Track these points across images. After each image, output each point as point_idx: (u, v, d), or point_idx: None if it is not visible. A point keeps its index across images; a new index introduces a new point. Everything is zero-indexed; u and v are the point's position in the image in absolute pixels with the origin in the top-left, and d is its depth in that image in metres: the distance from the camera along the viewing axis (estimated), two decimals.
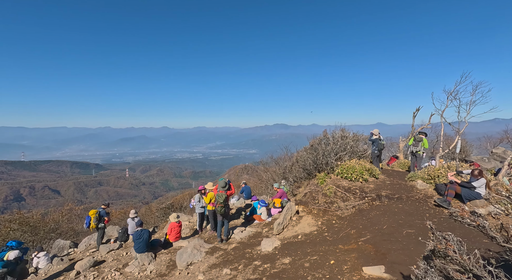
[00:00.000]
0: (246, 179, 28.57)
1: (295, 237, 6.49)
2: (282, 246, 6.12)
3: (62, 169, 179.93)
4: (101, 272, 7.12)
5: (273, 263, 5.33)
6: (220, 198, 7.16)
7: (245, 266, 5.54)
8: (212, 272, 5.70)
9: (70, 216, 16.28)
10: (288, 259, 5.32)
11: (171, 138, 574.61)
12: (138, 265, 6.97)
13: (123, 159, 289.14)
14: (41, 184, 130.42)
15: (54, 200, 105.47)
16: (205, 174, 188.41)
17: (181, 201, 18.13)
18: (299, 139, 53.83)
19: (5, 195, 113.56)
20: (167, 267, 6.72)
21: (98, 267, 7.58)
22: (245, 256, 6.13)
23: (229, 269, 5.56)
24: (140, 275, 6.50)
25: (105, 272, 7.10)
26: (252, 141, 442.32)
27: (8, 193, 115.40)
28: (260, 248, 6.24)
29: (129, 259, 7.88)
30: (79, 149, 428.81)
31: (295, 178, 10.66)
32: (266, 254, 5.92)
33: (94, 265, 7.62)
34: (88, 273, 7.07)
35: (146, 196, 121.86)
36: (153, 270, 6.63)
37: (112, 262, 7.94)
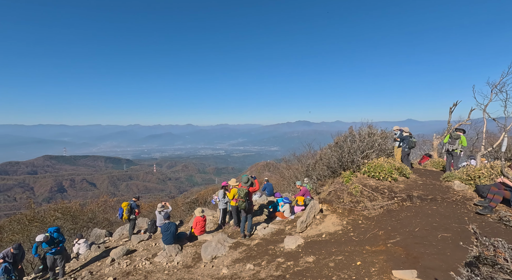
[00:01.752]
0: (268, 176, 28.59)
1: (319, 236, 6.37)
2: (305, 244, 6.04)
3: (97, 163, 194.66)
4: (133, 260, 7.60)
5: (296, 261, 5.29)
6: (241, 192, 7.24)
7: (268, 263, 5.56)
8: (236, 266, 5.81)
9: (105, 207, 17.60)
10: (312, 257, 5.24)
11: (195, 135, 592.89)
12: (166, 255, 7.33)
13: (151, 154, 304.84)
14: (80, 177, 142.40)
15: (91, 192, 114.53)
16: (228, 171, 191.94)
17: (205, 196, 18.66)
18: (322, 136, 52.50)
19: (50, 186, 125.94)
20: (193, 259, 6.98)
21: (130, 255, 8.10)
22: (268, 253, 6.16)
23: (253, 265, 5.62)
24: (168, 266, 6.82)
25: (136, 260, 7.56)
26: (274, 138, 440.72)
27: (53, 184, 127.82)
28: (283, 245, 6.23)
29: (157, 250, 8.31)
30: (112, 145, 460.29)
31: (319, 176, 10.43)
32: (289, 251, 5.89)
33: (126, 254, 8.16)
34: (121, 261, 7.59)
35: (172, 191, 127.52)
36: (180, 262, 6.92)
37: (143, 251, 8.43)
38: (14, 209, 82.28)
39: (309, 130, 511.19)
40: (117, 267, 7.24)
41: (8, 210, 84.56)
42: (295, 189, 14.51)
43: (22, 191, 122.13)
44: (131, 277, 6.38)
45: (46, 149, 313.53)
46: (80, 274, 7.18)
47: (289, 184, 16.94)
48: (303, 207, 9.10)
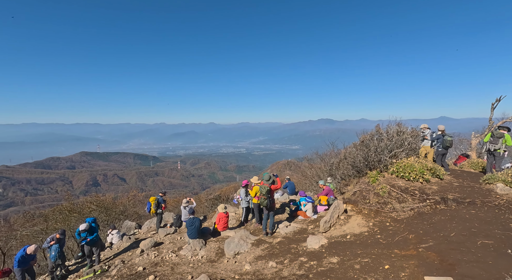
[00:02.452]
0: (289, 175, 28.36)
1: (343, 236, 6.19)
2: (329, 244, 5.91)
3: (127, 160, 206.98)
4: (160, 252, 7.99)
5: (320, 261, 5.20)
6: (263, 190, 7.27)
7: (291, 261, 5.53)
8: (258, 263, 5.86)
9: (134, 201, 18.70)
10: (336, 258, 5.12)
11: (217, 133, 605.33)
12: (191, 249, 7.60)
13: (175, 152, 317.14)
14: (112, 172, 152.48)
15: (121, 187, 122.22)
16: (249, 169, 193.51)
17: (227, 193, 19.03)
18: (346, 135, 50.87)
19: (86, 180, 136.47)
20: (216, 254, 7.16)
21: (158, 247, 8.52)
22: (291, 251, 6.13)
23: (275, 262, 5.63)
24: (193, 259, 7.08)
25: (163, 252, 7.94)
26: (295, 136, 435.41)
27: (88, 179, 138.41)
28: (306, 245, 6.15)
29: (182, 243, 8.65)
30: (140, 142, 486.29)
31: (343, 175, 10.12)
32: (312, 251, 5.81)
33: (154, 246, 8.60)
34: (150, 252, 8.01)
35: (195, 187, 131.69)
36: (204, 256, 7.14)
37: (169, 244, 8.83)
38: (56, 200, 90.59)
39: (332, 128, 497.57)
40: (146, 257, 7.65)
41: (51, 201, 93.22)
42: (317, 188, 14.24)
43: (63, 184, 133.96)
44: (159, 268, 6.71)
45: (83, 145, 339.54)
46: (114, 262, 7.70)
47: (311, 183, 16.65)
48: (326, 207, 8.90)
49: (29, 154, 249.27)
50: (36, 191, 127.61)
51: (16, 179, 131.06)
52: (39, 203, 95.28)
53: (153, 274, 6.19)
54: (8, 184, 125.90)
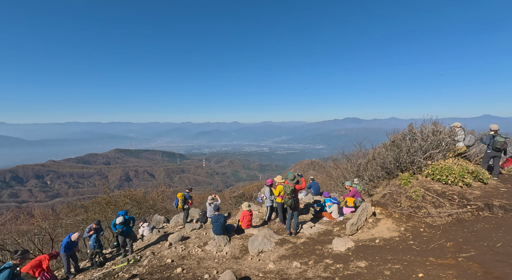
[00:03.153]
0: (313, 175, 27.83)
1: (372, 240, 5.93)
2: (356, 248, 5.71)
3: (155, 157, 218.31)
4: (187, 246, 8.31)
5: (346, 264, 5.04)
6: (287, 189, 7.21)
7: (316, 263, 5.44)
8: (282, 262, 5.85)
9: (163, 197, 19.69)
10: (363, 262, 4.93)
11: (241, 132, 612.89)
12: (216, 245, 7.81)
13: (200, 150, 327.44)
14: (142, 169, 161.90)
15: (151, 182, 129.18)
16: (271, 168, 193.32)
17: (251, 191, 19.23)
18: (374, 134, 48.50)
19: (120, 175, 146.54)
20: (240, 251, 7.27)
21: (185, 241, 8.88)
22: (315, 252, 6.02)
23: (299, 263, 5.57)
24: (218, 254, 7.26)
25: (190, 246, 8.25)
26: (320, 135, 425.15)
27: (122, 174, 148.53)
28: (331, 247, 6.00)
29: (208, 239, 8.92)
30: (168, 140, 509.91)
31: (371, 176, 9.67)
32: (338, 253, 5.65)
33: (181, 240, 8.98)
34: (177, 245, 8.38)
35: (219, 185, 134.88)
36: (228, 252, 7.30)
37: (195, 239, 9.15)
38: (94, 193, 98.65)
39: (359, 128, 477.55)
40: (174, 250, 8.02)
41: (90, 193, 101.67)
42: (343, 189, 13.78)
43: (100, 178, 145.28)
44: (186, 261, 7.00)
45: (117, 143, 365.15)
46: (145, 253, 8.20)
47: (336, 184, 16.17)
48: (353, 209, 8.59)
49: (72, 150, 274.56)
50: (78, 184, 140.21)
51: (61, 173, 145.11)
52: (80, 195, 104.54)
53: (181, 267, 6.46)
54: (54, 177, 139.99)
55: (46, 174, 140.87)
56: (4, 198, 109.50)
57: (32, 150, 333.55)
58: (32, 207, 17.59)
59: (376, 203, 7.34)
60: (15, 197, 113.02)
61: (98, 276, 6.96)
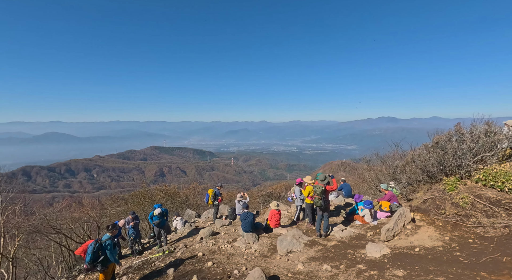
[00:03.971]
0: (344, 176, 26.76)
1: (411, 248, 5.52)
2: (392, 255, 5.36)
3: (187, 154, 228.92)
4: (217, 241, 8.59)
5: (381, 271, 4.77)
6: (318, 189, 7.04)
7: (348, 267, 5.24)
8: (312, 264, 5.74)
9: (194, 193, 20.59)
10: (401, 271, 4.62)
11: (269, 131, 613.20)
12: (245, 242, 7.94)
13: (229, 148, 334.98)
14: (175, 165, 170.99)
15: (182, 179, 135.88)
16: (299, 168, 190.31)
17: (279, 191, 19.16)
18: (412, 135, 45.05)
19: (155, 171, 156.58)
20: (269, 250, 7.30)
21: (215, 237, 9.18)
22: (347, 257, 5.80)
23: (330, 266, 5.42)
24: (246, 252, 7.38)
25: (219, 242, 8.52)
26: (351, 135, 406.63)
27: (157, 170, 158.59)
28: (365, 252, 5.72)
29: (236, 236, 9.10)
30: (198, 138, 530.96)
31: (410, 180, 8.97)
32: (372, 259, 5.37)
33: (212, 235, 9.30)
34: (208, 240, 8.70)
35: (246, 183, 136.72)
36: (257, 250, 7.37)
37: (224, 235, 9.41)
38: (132, 186, 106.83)
39: (395, 127, 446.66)
40: (204, 245, 8.35)
41: (129, 187, 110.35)
42: (376, 192, 13.03)
43: (137, 173, 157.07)
44: (216, 256, 7.24)
45: (153, 140, 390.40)
46: (178, 245, 8.66)
47: (369, 187, 15.34)
48: (388, 214, 8.08)
49: (114, 146, 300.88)
50: (119, 177, 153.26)
51: (105, 167, 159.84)
52: (120, 188, 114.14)
53: (211, 261, 6.70)
54: (100, 171, 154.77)
55: (93, 168, 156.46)
56: (60, 188, 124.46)
57: (82, 145, 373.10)
58: (82, 197, 19.79)
59: (415, 208, 6.81)
60: (68, 187, 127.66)
61: (137, 263, 7.53)
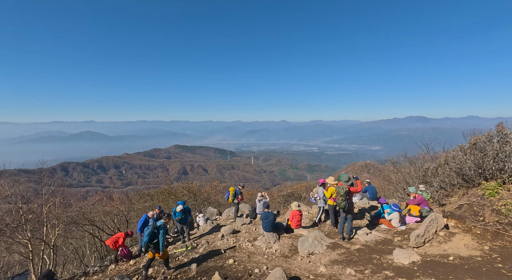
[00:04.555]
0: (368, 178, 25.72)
1: (444, 256, 5.15)
2: (423, 262, 5.05)
3: (208, 153, 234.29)
4: (238, 239, 8.69)
5: (410, 279, 4.50)
6: (341, 190, 6.83)
7: (373, 273, 5.02)
8: (335, 267, 5.58)
9: (215, 191, 21.03)
10: None
11: (289, 131, 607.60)
12: (265, 241, 7.94)
13: (249, 148, 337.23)
14: (197, 164, 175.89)
15: (204, 177, 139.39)
16: (320, 168, 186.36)
17: (299, 191, 18.91)
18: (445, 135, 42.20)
19: (178, 169, 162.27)
20: (290, 250, 7.23)
21: (236, 235, 9.29)
22: (372, 262, 5.56)
23: (354, 270, 5.24)
24: (267, 251, 7.38)
25: (240, 240, 8.61)
26: (376, 136, 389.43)
27: (180, 168, 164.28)
28: (392, 258, 5.45)
29: (257, 235, 9.13)
30: (219, 138, 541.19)
31: (443, 183, 8.37)
32: (400, 266, 5.10)
33: (233, 233, 9.42)
34: (229, 238, 8.83)
35: (266, 183, 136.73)
36: (278, 250, 7.34)
37: (245, 233, 9.49)
38: (157, 183, 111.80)
39: (425, 127, 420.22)
40: (226, 242, 8.49)
41: (154, 183, 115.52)
42: (403, 196, 12.34)
43: (162, 171, 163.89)
44: (237, 254, 7.32)
45: (176, 139, 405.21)
46: (200, 242, 8.89)
47: (396, 190, 14.56)
48: (418, 219, 7.62)
49: (141, 145, 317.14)
50: (145, 174, 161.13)
51: (132, 164, 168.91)
52: (146, 184, 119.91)
53: (233, 258, 6.79)
54: (128, 168, 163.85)
55: (122, 165, 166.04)
56: (93, 183, 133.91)
57: (112, 143, 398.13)
58: (112, 192, 21.15)
59: (449, 214, 6.35)
60: (100, 182, 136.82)
61: None
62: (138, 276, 6.73)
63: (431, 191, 9.32)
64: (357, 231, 7.54)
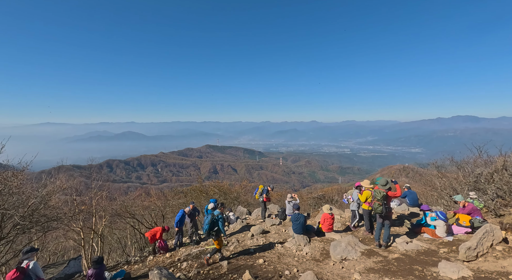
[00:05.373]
0: (407, 182, 23.83)
1: (502, 274, 4.55)
2: (475, 279, 4.51)
3: (237, 153, 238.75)
4: (267, 240, 8.70)
5: None
6: (378, 194, 6.43)
7: None
8: (370, 276, 5.28)
9: (245, 190, 21.32)
10: None
11: (319, 132, 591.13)
12: (295, 243, 7.82)
13: (278, 148, 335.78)
14: (227, 163, 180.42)
15: (233, 176, 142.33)
16: (353, 171, 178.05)
17: (331, 194, 18.27)
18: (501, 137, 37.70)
19: (209, 168, 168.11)
20: (321, 254, 7.02)
21: (265, 235, 9.31)
22: (414, 273, 5.14)
23: None
24: (297, 253, 7.26)
25: (270, 240, 8.60)
26: (416, 137, 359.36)
27: (210, 167, 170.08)
28: (437, 271, 4.97)
29: (287, 236, 9.04)
30: (248, 138, 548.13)
31: (500, 191, 7.39)
32: None
33: (262, 233, 9.46)
34: (259, 238, 8.88)
35: (295, 184, 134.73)
36: (308, 253, 7.17)
37: (275, 234, 9.45)
38: (189, 181, 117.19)
39: (475, 128, 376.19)
40: (255, 242, 8.55)
41: (187, 181, 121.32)
42: (450, 204, 11.18)
43: (194, 169, 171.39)
44: (266, 254, 7.32)
45: (207, 139, 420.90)
46: (231, 240, 9.08)
47: (440, 196, 13.24)
48: (469, 229, 6.84)
49: (175, 144, 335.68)
50: (178, 172, 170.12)
51: (167, 163, 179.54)
52: (180, 182, 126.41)
53: (263, 258, 6.81)
54: (163, 166, 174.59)
55: (158, 163, 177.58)
56: (133, 179, 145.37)
57: (150, 143, 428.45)
58: (150, 188, 22.73)
59: (509, 226, 5.59)
60: (139, 179, 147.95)
61: (195, 252, 8.21)
62: (174, 269, 7.11)
63: (484, 199, 8.33)
64: (396, 238, 7.04)
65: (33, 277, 5.18)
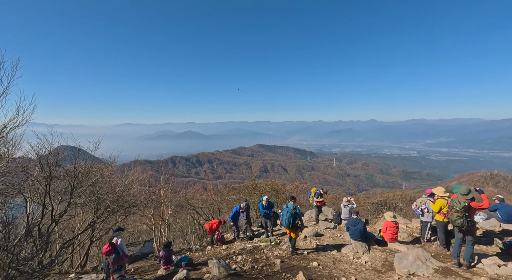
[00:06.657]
0: (498, 193, 19.66)
1: None
2: None
3: (288, 153, 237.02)
4: (321, 243, 8.40)
5: None
6: (457, 205, 5.48)
7: None
8: None
9: (296, 190, 21.06)
10: None
11: (379, 132, 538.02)
12: (353, 250, 7.33)
13: (331, 149, 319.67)
14: (277, 163, 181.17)
15: (283, 176, 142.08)
16: (420, 176, 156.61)
17: (394, 200, 16.40)
18: None
19: (260, 167, 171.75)
20: (383, 265, 6.41)
21: (319, 238, 9.00)
22: None
23: None
24: (355, 261, 6.78)
25: (323, 244, 8.27)
26: (509, 138, 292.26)
27: (261, 166, 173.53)
28: None
29: (342, 241, 8.55)
30: (299, 138, 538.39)
31: None
32: None
33: (315, 235, 9.18)
34: (312, 240, 8.66)
35: (350, 187, 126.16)
36: (368, 262, 6.63)
37: (329, 238, 9.05)
38: (242, 179, 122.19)
39: None
40: (309, 244, 8.36)
41: (239, 179, 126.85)
42: None
43: (246, 167, 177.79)
44: (321, 257, 7.06)
45: (258, 139, 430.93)
46: (283, 239, 9.09)
47: None
48: None
49: (229, 143, 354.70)
50: (232, 170, 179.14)
51: (222, 160, 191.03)
52: (233, 179, 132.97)
53: (317, 261, 6.61)
54: (218, 163, 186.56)
55: (213, 160, 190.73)
56: (192, 174, 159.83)
57: (206, 141, 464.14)
58: (207, 183, 24.67)
59: None
60: (197, 174, 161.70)
61: (249, 247, 8.51)
62: (230, 260, 7.53)
63: None
64: (481, 258, 5.90)
65: (120, 252, 6.24)
